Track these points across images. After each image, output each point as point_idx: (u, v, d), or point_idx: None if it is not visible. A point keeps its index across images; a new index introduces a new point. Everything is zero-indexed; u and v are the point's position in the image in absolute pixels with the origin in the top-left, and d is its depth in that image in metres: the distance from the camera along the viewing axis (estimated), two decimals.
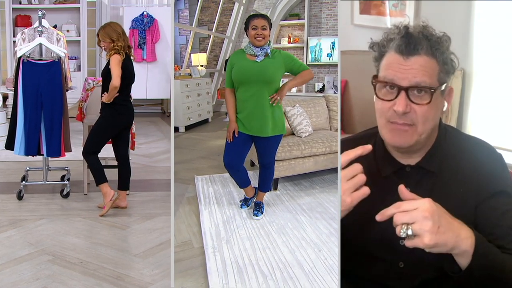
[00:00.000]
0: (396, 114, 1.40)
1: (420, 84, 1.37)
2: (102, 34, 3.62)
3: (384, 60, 1.46)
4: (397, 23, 1.45)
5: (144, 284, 2.70)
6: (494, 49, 2.71)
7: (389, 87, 1.42)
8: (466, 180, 1.44)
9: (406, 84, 1.38)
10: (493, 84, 2.77)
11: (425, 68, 1.39)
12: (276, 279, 2.75)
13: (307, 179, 4.65)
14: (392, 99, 1.41)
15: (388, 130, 1.45)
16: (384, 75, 1.44)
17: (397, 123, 1.41)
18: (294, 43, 9.47)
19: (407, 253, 1.38)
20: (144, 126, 7.35)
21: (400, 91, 1.39)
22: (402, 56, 1.40)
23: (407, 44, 1.39)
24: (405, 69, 1.39)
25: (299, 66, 3.48)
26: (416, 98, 1.38)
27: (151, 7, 8.23)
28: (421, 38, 1.40)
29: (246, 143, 3.54)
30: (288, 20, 9.55)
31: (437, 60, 1.40)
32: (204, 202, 4.00)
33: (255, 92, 3.39)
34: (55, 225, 3.50)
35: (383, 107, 1.43)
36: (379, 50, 1.48)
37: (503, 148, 2.69)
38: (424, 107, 1.38)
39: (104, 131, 3.75)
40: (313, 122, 4.92)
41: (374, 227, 1.41)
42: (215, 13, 10.00)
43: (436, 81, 1.40)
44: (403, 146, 1.44)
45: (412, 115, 1.39)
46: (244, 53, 3.46)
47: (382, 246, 1.49)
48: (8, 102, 6.68)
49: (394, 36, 1.43)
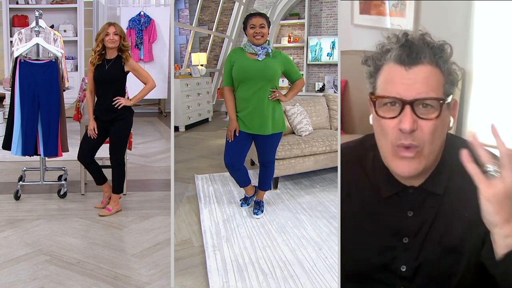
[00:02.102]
0: (402, 133, 1.25)
1: (427, 96, 1.23)
2: (119, 28, 3.55)
3: (382, 74, 1.31)
4: (394, 32, 1.31)
5: (141, 284, 2.67)
6: (494, 49, 2.69)
7: (390, 104, 1.27)
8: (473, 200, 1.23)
9: (411, 98, 1.23)
10: (493, 84, 2.75)
11: (430, 79, 1.25)
12: (277, 277, 2.71)
13: (307, 178, 4.62)
14: (395, 116, 1.25)
15: (394, 158, 1.29)
16: (384, 89, 1.28)
17: (401, 147, 1.26)
18: (294, 42, 9.46)
19: (409, 279, 1.33)
20: (141, 126, 7.33)
21: (404, 106, 1.24)
22: (404, 66, 1.26)
23: (408, 53, 1.26)
24: (408, 81, 1.25)
25: (295, 73, 3.52)
26: (423, 113, 1.23)
27: (148, 7, 8.21)
28: (422, 46, 1.27)
29: (247, 141, 3.52)
30: (288, 20, 9.54)
31: (441, 70, 1.27)
32: (204, 201, 3.97)
33: (256, 91, 3.38)
34: (52, 225, 3.47)
35: (386, 127, 1.28)
36: (374, 64, 1.33)
37: None
38: (431, 122, 1.24)
39: (128, 134, 3.77)
40: (313, 121, 4.90)
41: (374, 251, 1.35)
42: (215, 13, 9.99)
43: (442, 93, 1.26)
44: (412, 175, 1.30)
45: (418, 134, 1.24)
46: (243, 52, 3.43)
47: (383, 270, 1.39)
48: (5, 102, 6.67)
49: (392, 46, 1.29)
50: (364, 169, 1.41)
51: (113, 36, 3.50)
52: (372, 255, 1.38)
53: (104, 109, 3.61)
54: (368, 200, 1.25)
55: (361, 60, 1.37)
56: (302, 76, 3.57)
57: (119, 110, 3.59)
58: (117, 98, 3.58)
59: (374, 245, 1.37)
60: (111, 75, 3.57)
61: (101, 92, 3.63)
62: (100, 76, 3.58)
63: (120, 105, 3.57)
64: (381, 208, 1.37)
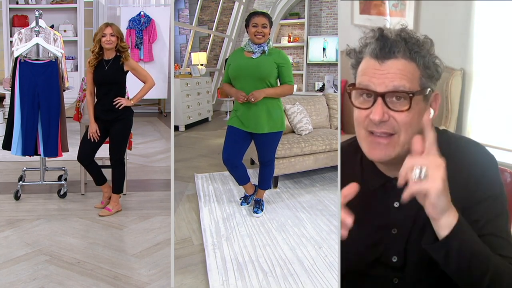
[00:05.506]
0: (373, 123, 1.29)
1: (398, 88, 1.26)
2: (116, 28, 3.54)
3: (360, 67, 1.35)
4: (374, 27, 1.35)
5: (141, 284, 2.67)
6: (494, 49, 2.69)
7: (366, 95, 1.31)
8: (455, 186, 1.30)
9: (382, 90, 1.27)
10: (493, 84, 2.76)
11: (404, 72, 1.28)
12: (276, 276, 2.71)
13: (307, 177, 4.62)
14: (368, 107, 1.30)
15: (367, 143, 1.33)
16: (359, 81, 1.33)
17: (375, 134, 1.31)
18: (294, 42, 9.46)
19: (401, 270, 1.35)
20: (141, 126, 7.33)
21: (376, 98, 1.28)
22: (377, 60, 1.29)
23: (381, 47, 1.29)
24: (381, 74, 1.28)
25: (286, 76, 3.46)
26: (395, 105, 1.27)
27: (148, 7, 8.21)
28: (397, 41, 1.29)
29: (245, 140, 3.54)
30: (288, 19, 9.54)
31: (416, 64, 1.29)
32: (204, 199, 3.97)
33: (250, 89, 3.38)
34: (52, 225, 3.47)
35: (360, 116, 1.32)
36: (356, 56, 1.37)
37: (503, 148, 2.67)
38: (403, 114, 1.27)
39: (128, 134, 3.77)
40: (313, 120, 4.90)
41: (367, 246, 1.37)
42: (215, 12, 10.00)
43: (418, 86, 1.29)
44: (382, 160, 1.34)
45: (392, 123, 1.28)
46: (243, 51, 3.49)
47: (377, 264, 1.41)
48: (5, 102, 6.67)
49: (370, 40, 1.33)
50: (357, 165, 1.43)
51: (110, 37, 3.50)
52: (365, 250, 1.41)
53: (105, 110, 3.61)
54: (360, 195, 1.26)
55: (346, 52, 1.41)
56: (293, 83, 3.51)
57: (119, 110, 3.59)
58: (118, 99, 3.58)
59: (367, 240, 1.38)
60: (111, 75, 3.57)
61: (101, 93, 3.62)
62: (100, 77, 3.58)
63: (121, 106, 3.57)
64: (369, 201, 1.39)
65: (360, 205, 1.28)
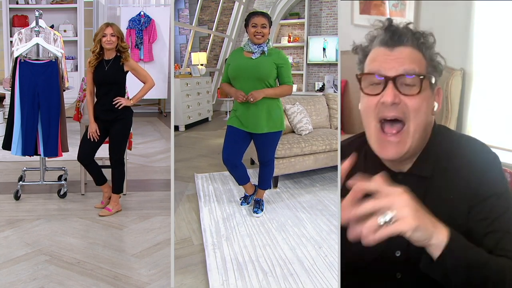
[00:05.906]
0: (385, 106, 1.31)
1: (408, 72, 1.30)
2: (116, 29, 3.54)
3: (368, 57, 1.39)
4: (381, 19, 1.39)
5: (141, 284, 2.66)
6: (494, 49, 2.69)
7: (376, 84, 1.34)
8: (458, 184, 1.35)
9: (393, 74, 1.31)
10: (493, 84, 2.75)
11: (412, 58, 1.33)
12: (276, 275, 2.71)
13: (307, 177, 4.63)
14: (379, 92, 1.33)
15: (377, 142, 1.36)
16: (369, 69, 1.36)
17: (386, 132, 1.33)
18: (294, 42, 9.45)
19: (403, 264, 1.35)
20: (141, 126, 7.33)
21: (387, 82, 1.31)
22: (388, 48, 1.34)
23: (391, 36, 1.34)
24: (391, 59, 1.33)
25: (286, 77, 3.46)
26: (405, 89, 1.31)
27: (148, 7, 8.21)
28: (405, 31, 1.35)
29: (244, 139, 3.54)
30: (288, 19, 9.54)
31: (423, 54, 1.35)
32: (204, 199, 3.97)
33: (249, 89, 3.38)
34: (52, 225, 3.47)
35: (370, 104, 1.35)
36: (363, 51, 1.41)
37: (503, 148, 2.67)
38: (414, 98, 1.31)
39: (128, 134, 3.76)
40: (313, 120, 4.90)
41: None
42: (215, 12, 10.00)
43: (425, 72, 1.33)
44: (395, 158, 1.36)
45: (402, 107, 1.31)
46: (242, 51, 3.49)
47: (380, 260, 1.42)
48: (5, 102, 6.67)
49: (378, 32, 1.38)
50: (360, 161, 1.43)
51: (110, 37, 3.50)
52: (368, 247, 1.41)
53: (105, 110, 3.61)
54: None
55: (352, 49, 1.45)
56: (292, 84, 3.51)
57: (119, 110, 3.59)
58: (117, 98, 3.58)
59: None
60: (111, 76, 3.57)
61: (101, 93, 3.62)
62: (100, 77, 3.58)
63: (121, 106, 3.57)
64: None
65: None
